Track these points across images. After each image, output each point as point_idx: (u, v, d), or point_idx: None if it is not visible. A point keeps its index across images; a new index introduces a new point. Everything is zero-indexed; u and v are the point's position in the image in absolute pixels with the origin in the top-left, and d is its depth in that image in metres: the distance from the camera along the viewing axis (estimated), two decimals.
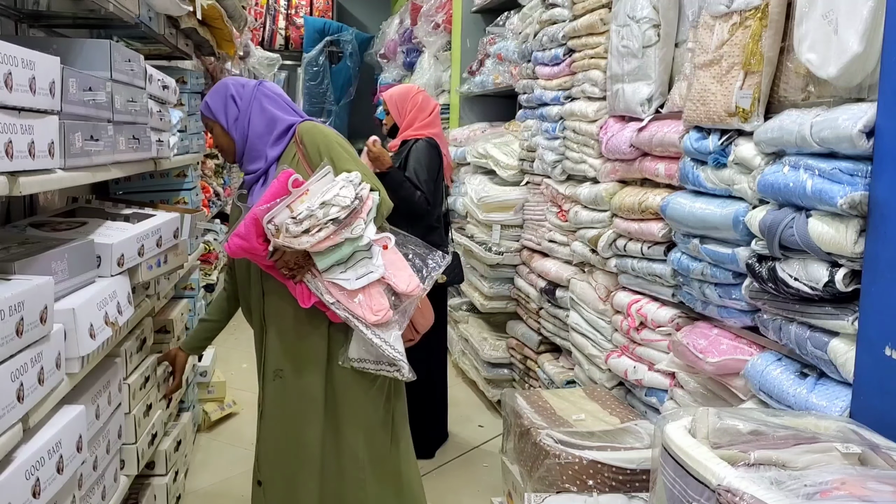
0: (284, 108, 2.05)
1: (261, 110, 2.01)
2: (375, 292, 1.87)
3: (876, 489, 1.05)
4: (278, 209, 1.78)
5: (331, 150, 1.96)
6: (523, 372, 3.54)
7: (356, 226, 1.82)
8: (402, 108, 3.16)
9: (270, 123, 2.01)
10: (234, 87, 2.05)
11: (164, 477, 2.41)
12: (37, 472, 1.25)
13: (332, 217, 1.77)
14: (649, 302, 2.34)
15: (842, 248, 1.43)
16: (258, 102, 2.02)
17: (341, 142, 2.02)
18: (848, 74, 1.46)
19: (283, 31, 8.19)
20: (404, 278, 1.91)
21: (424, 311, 2.14)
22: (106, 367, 1.79)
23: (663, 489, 1.28)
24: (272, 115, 2.01)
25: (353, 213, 1.81)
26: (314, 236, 1.76)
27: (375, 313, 1.86)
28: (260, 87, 2.05)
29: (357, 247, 1.85)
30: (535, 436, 2.03)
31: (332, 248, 1.82)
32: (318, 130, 2.00)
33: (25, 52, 1.25)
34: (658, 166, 2.23)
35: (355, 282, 1.85)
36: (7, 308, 1.16)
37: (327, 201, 1.77)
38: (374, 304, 1.87)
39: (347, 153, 1.98)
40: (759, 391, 1.69)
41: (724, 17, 1.85)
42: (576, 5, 2.85)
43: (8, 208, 2.05)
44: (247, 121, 2.01)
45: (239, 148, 2.03)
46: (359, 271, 1.86)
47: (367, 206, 1.86)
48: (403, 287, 1.90)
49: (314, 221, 1.76)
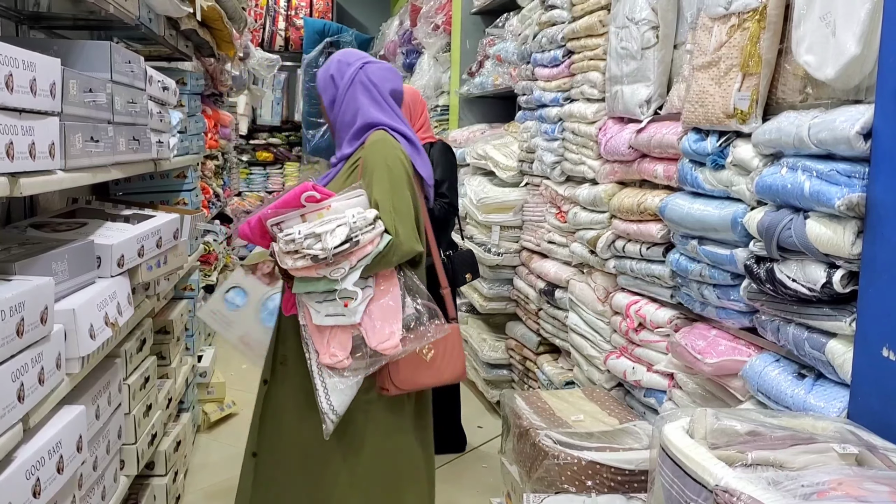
0: (378, 100, 1.91)
1: (353, 98, 1.88)
2: (343, 335, 1.76)
3: (873, 490, 1.05)
4: (290, 216, 1.73)
5: (375, 172, 1.82)
6: (522, 373, 3.54)
7: (338, 269, 1.68)
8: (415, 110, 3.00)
9: (354, 116, 1.89)
10: (339, 65, 1.92)
11: (164, 477, 2.42)
12: (37, 472, 1.25)
13: (313, 253, 1.66)
14: (648, 303, 2.34)
15: (839, 249, 1.43)
16: (353, 88, 1.89)
17: (394, 166, 1.84)
18: (846, 76, 1.47)
19: (282, 32, 8.19)
20: (382, 333, 1.75)
21: (449, 362, 1.89)
22: (106, 368, 1.79)
23: (661, 490, 1.28)
24: (359, 106, 1.88)
25: (340, 255, 1.68)
26: (294, 262, 1.69)
27: (331, 356, 1.74)
28: (362, 69, 1.91)
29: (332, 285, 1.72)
30: (533, 436, 2.03)
31: (309, 279, 1.73)
32: (381, 146, 1.86)
33: (26, 54, 1.25)
34: (657, 167, 2.24)
35: (324, 318, 1.74)
36: (8, 308, 1.16)
37: (318, 233, 1.67)
38: (334, 346, 1.75)
39: (392, 182, 1.81)
40: (757, 392, 1.69)
41: (723, 19, 1.85)
42: (575, 7, 2.85)
43: (8, 209, 2.06)
44: (340, 106, 1.90)
45: (334, 128, 1.94)
46: (330, 309, 1.74)
47: (360, 253, 1.70)
48: (375, 342, 1.74)
49: (295, 247, 1.68)
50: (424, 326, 1.79)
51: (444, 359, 1.87)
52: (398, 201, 1.80)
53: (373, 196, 1.80)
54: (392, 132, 1.92)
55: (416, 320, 1.80)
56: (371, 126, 1.90)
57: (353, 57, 1.96)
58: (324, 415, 1.77)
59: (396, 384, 1.86)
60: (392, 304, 1.78)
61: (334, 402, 1.77)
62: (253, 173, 8.26)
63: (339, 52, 2.00)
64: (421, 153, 1.98)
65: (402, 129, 1.94)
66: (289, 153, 8.24)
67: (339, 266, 1.68)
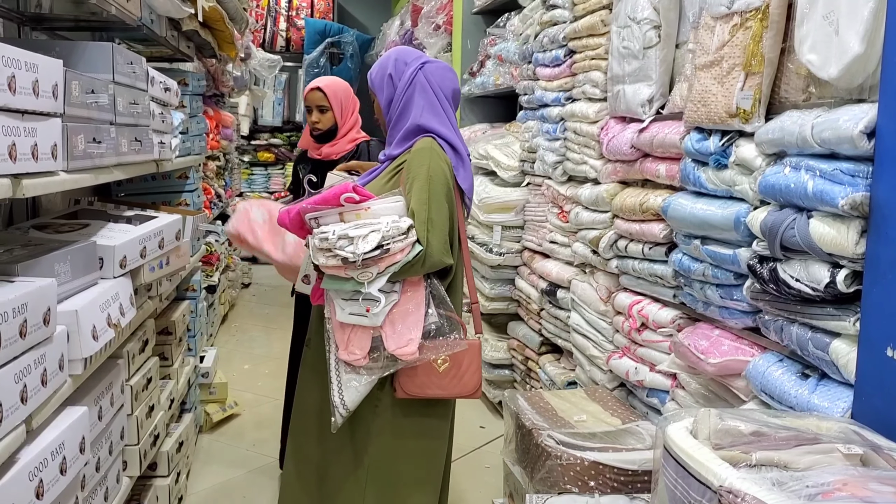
0: (434, 104, 1.90)
1: (409, 99, 1.88)
2: (363, 335, 1.78)
3: (878, 490, 1.05)
4: (328, 213, 1.77)
5: (416, 180, 1.81)
6: (524, 373, 3.54)
7: (366, 272, 1.71)
8: (347, 106, 2.77)
9: (407, 118, 1.89)
10: (397, 63, 1.91)
11: (167, 478, 2.42)
12: (40, 473, 1.25)
13: (343, 255, 1.69)
14: (650, 303, 2.34)
15: (843, 248, 1.43)
16: (412, 89, 1.89)
17: (435, 176, 1.82)
18: (849, 75, 1.46)
19: (283, 32, 8.21)
20: (401, 338, 1.76)
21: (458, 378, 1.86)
22: (108, 369, 1.80)
23: (665, 490, 1.28)
24: (414, 109, 1.88)
25: (370, 260, 1.70)
26: (325, 259, 1.72)
27: (349, 353, 1.77)
28: (422, 69, 1.90)
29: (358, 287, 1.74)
30: (536, 437, 2.03)
31: (338, 277, 1.76)
32: (427, 154, 1.85)
33: (29, 55, 1.25)
34: (659, 167, 2.24)
35: (347, 315, 1.77)
36: (10, 310, 1.16)
37: (351, 236, 1.70)
38: (353, 344, 1.78)
39: (431, 192, 1.80)
40: (760, 392, 1.69)
41: (725, 18, 1.85)
42: (576, 6, 2.85)
43: (10, 210, 2.06)
44: (397, 107, 1.90)
45: (387, 128, 1.95)
46: (354, 308, 1.77)
47: (389, 260, 1.72)
48: (393, 346, 1.76)
49: (327, 246, 1.71)
50: (443, 337, 1.81)
51: (458, 373, 1.85)
52: (434, 213, 1.80)
53: (410, 204, 1.81)
54: (440, 140, 1.91)
55: (436, 330, 1.81)
56: (421, 131, 1.90)
57: (410, 56, 1.95)
58: (334, 408, 1.79)
59: (404, 389, 1.85)
60: (414, 311, 1.79)
61: (346, 398, 1.79)
62: (254, 174, 8.28)
63: (396, 50, 1.98)
64: (465, 164, 1.97)
65: (452, 137, 1.94)
66: (290, 153, 8.25)
67: (368, 270, 1.71)
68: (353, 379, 1.79)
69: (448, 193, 1.85)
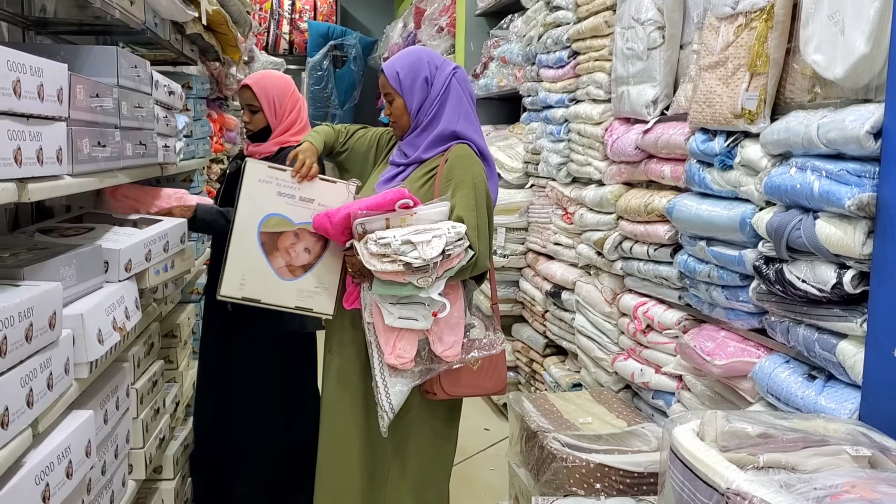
0: (468, 112, 1.94)
1: (443, 104, 1.90)
2: (410, 338, 1.82)
3: (886, 492, 1.04)
4: (375, 218, 1.77)
5: (461, 187, 1.84)
6: (529, 375, 3.54)
7: (426, 278, 1.73)
8: (282, 105, 2.43)
9: (440, 122, 1.90)
10: (430, 67, 1.91)
11: (172, 481, 2.41)
12: (46, 477, 1.25)
13: (407, 261, 1.70)
14: (656, 304, 2.33)
15: (850, 249, 1.42)
16: (446, 94, 1.90)
17: (479, 184, 1.87)
18: (854, 75, 1.46)
19: (287, 35, 8.21)
20: (448, 341, 1.82)
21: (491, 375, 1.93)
22: (114, 372, 1.79)
23: (671, 492, 1.27)
24: (448, 114, 1.90)
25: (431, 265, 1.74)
26: (383, 265, 1.72)
27: (397, 357, 1.80)
28: (455, 74, 1.92)
29: (416, 292, 1.77)
30: (541, 439, 2.02)
31: (393, 283, 1.77)
32: (469, 161, 1.88)
33: (34, 60, 1.25)
34: (664, 168, 2.23)
35: (396, 320, 1.79)
36: (16, 314, 1.16)
37: (414, 241, 1.71)
38: (401, 346, 1.81)
39: (477, 200, 1.85)
40: (767, 394, 1.68)
41: (730, 19, 1.85)
42: (580, 8, 2.85)
43: (16, 214, 2.06)
44: (431, 110, 1.90)
45: (410, 130, 1.95)
46: (404, 312, 1.79)
47: (447, 265, 1.76)
48: (441, 349, 1.82)
49: (389, 252, 1.71)
50: (480, 339, 1.88)
51: (490, 371, 1.91)
52: (481, 220, 1.86)
53: (456, 210, 1.83)
54: (474, 148, 1.94)
55: (474, 331, 1.88)
56: (455, 137, 1.92)
57: (439, 60, 1.96)
58: (383, 411, 1.84)
59: (446, 390, 1.90)
60: (456, 315, 1.85)
61: (393, 401, 1.84)
62: None
63: (421, 51, 1.98)
64: (493, 173, 2.00)
65: (484, 147, 1.98)
66: None
67: (427, 275, 1.73)
68: (398, 383, 1.83)
69: (489, 201, 1.91)
